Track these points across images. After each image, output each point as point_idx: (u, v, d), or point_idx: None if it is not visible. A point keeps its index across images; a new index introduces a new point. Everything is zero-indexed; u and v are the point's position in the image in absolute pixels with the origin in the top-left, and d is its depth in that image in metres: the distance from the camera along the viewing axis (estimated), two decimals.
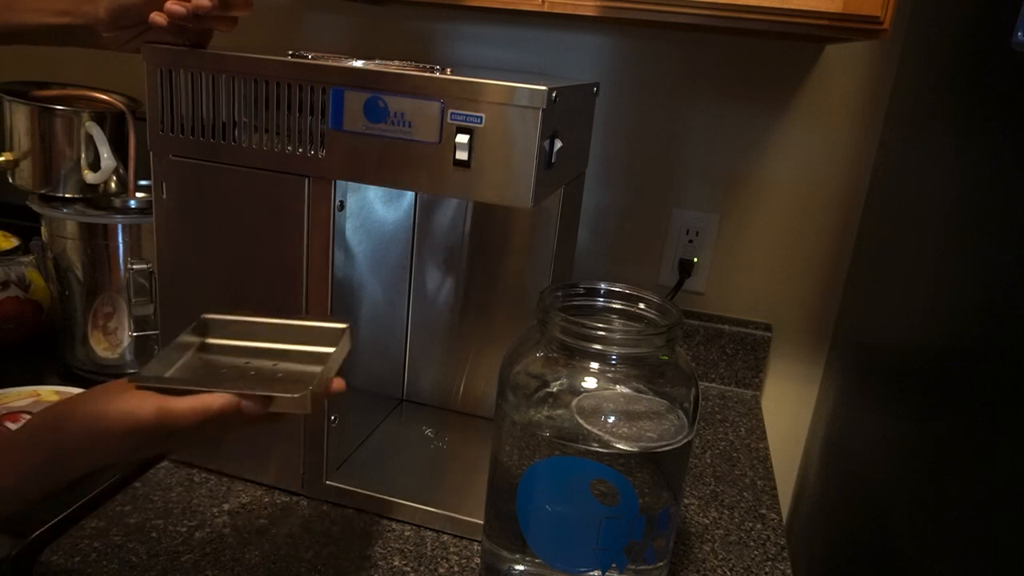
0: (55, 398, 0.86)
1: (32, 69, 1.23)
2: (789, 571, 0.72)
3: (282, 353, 0.56)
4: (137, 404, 0.47)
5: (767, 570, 0.72)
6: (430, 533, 0.71)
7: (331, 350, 0.55)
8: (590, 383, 0.57)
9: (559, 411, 0.58)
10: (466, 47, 1.08)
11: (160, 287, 0.72)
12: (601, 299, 0.64)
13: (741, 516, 0.80)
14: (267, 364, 0.55)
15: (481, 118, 0.59)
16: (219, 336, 0.57)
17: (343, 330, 0.56)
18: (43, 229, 0.96)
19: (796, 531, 1.06)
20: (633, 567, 0.59)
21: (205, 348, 0.57)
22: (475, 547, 0.70)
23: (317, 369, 0.52)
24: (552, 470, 0.57)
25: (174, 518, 0.70)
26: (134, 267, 0.88)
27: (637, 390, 0.58)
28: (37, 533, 0.64)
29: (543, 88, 0.58)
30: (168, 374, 0.53)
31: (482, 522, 0.66)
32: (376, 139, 0.62)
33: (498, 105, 0.59)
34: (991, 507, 0.52)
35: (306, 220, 0.66)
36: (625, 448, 0.56)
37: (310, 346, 0.56)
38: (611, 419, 0.57)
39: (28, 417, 0.61)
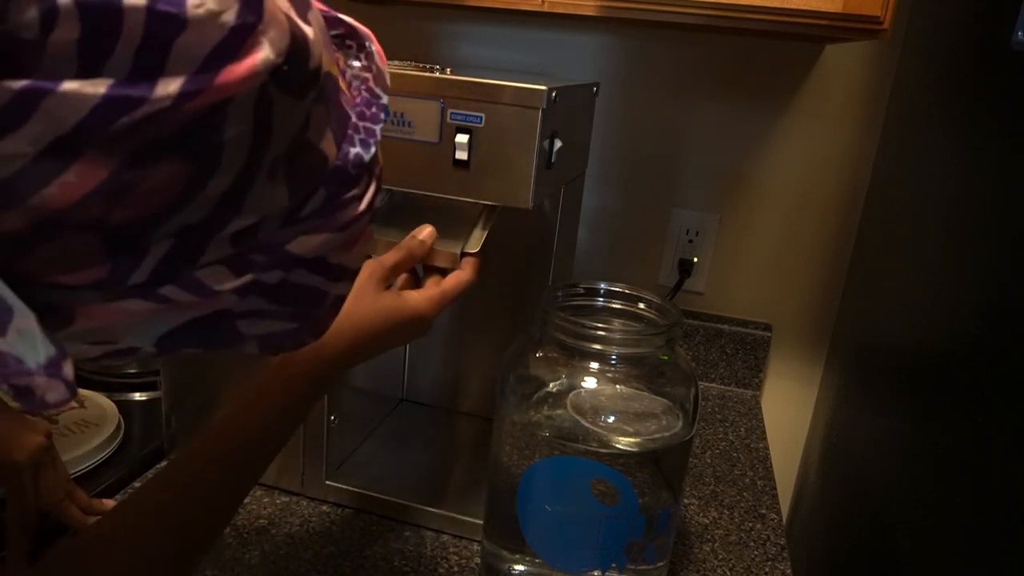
0: None
1: None
2: (789, 571, 0.72)
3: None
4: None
5: (767, 570, 0.72)
6: (430, 533, 0.71)
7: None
8: (590, 383, 0.57)
9: (559, 411, 0.58)
10: (466, 47, 1.08)
11: None
12: (601, 299, 0.64)
13: (741, 516, 0.80)
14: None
15: (481, 118, 0.59)
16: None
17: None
18: None
19: (796, 531, 1.06)
20: (633, 567, 0.59)
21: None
22: (475, 547, 0.70)
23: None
24: (552, 470, 0.57)
25: None
26: None
27: (637, 390, 0.58)
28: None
29: (543, 88, 0.58)
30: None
31: (482, 522, 0.66)
32: None
33: (498, 105, 0.59)
34: (991, 507, 0.52)
35: None
36: (625, 448, 0.56)
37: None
38: (611, 419, 0.57)
39: None
